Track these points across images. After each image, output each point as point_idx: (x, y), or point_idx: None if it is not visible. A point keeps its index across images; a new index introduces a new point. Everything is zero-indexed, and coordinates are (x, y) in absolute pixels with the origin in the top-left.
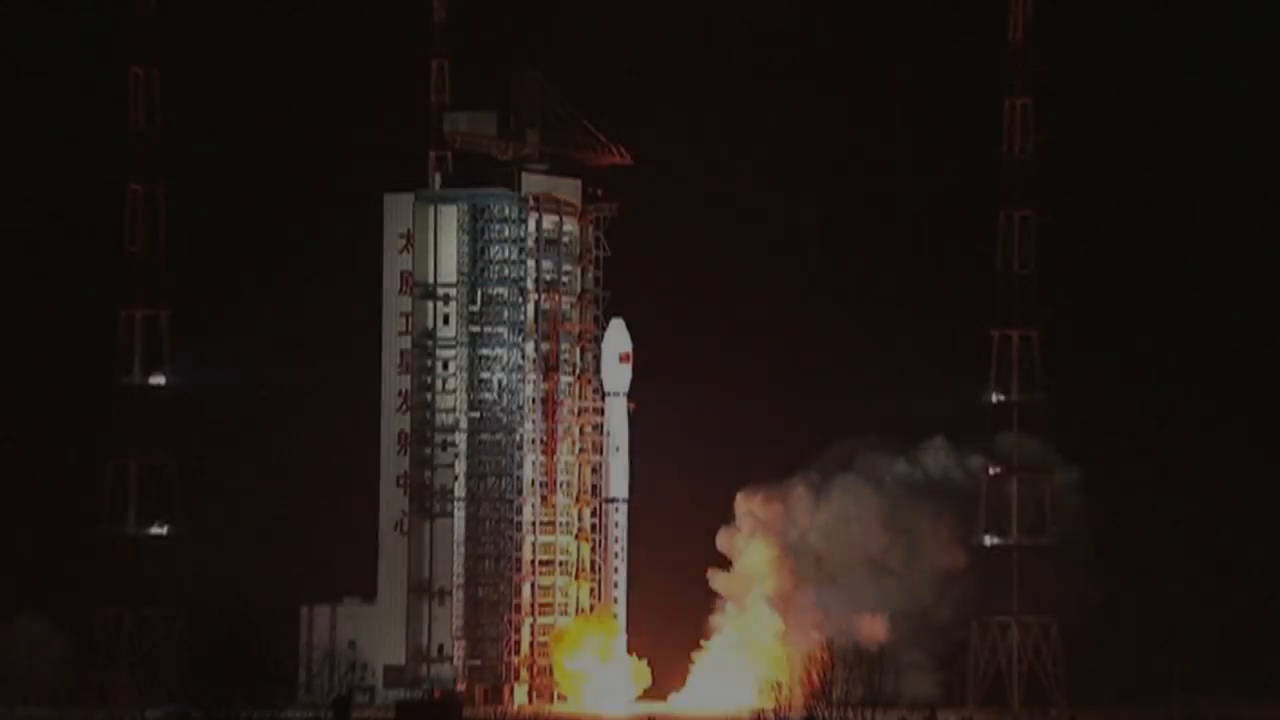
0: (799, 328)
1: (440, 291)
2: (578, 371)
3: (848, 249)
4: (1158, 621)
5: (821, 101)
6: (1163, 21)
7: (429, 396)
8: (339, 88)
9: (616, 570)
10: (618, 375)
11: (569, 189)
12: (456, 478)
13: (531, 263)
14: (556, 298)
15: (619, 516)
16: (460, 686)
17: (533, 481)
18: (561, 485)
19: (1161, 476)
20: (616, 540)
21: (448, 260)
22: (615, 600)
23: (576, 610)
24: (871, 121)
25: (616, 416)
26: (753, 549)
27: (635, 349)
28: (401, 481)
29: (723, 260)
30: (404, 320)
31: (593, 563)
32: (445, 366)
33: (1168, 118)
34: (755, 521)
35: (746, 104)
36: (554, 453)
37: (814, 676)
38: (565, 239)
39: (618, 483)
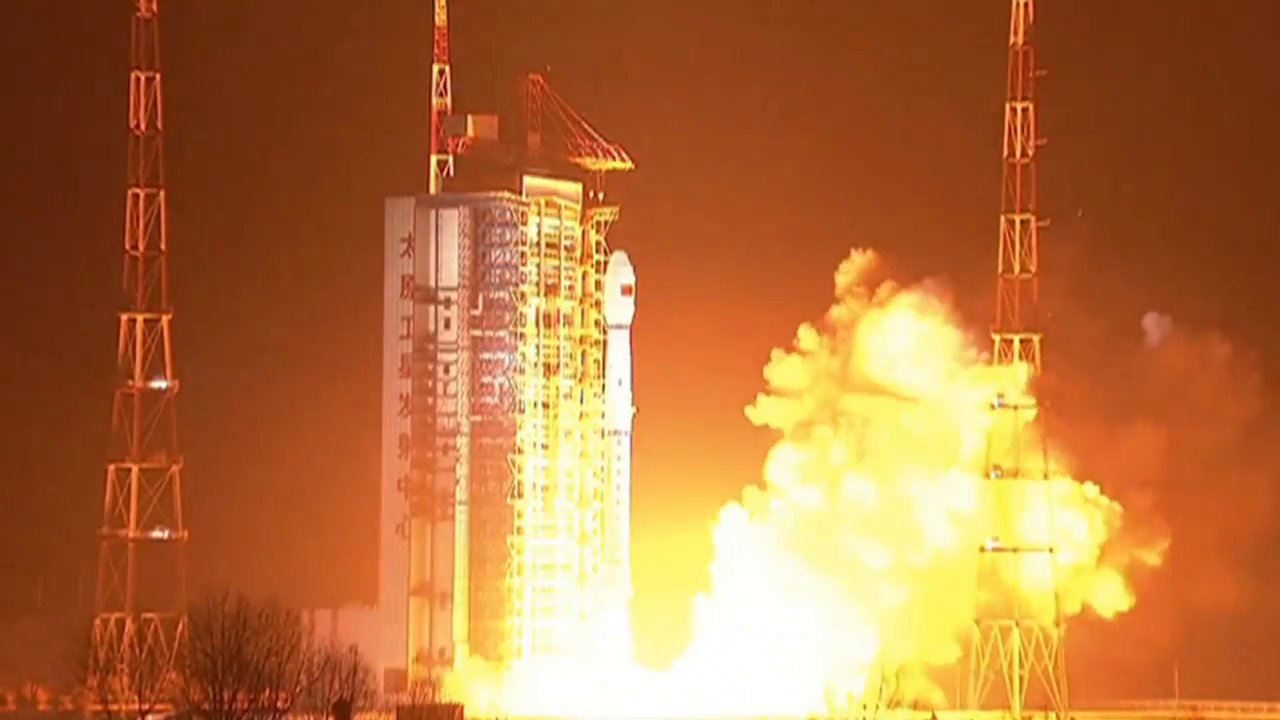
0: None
1: (441, 295)
2: (579, 374)
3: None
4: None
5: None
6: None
7: (430, 400)
8: (341, 92)
9: (619, 502)
10: (620, 308)
11: (570, 192)
12: (458, 481)
13: (532, 266)
14: (557, 300)
15: (621, 450)
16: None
17: (534, 485)
18: (563, 488)
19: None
20: (619, 473)
21: (449, 264)
22: (619, 529)
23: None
24: (872, 123)
25: (618, 349)
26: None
27: (634, 356)
28: (403, 485)
29: (721, 264)
30: (405, 324)
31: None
32: (446, 370)
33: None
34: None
35: (747, 109)
36: (555, 456)
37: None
38: (566, 242)
39: (620, 415)
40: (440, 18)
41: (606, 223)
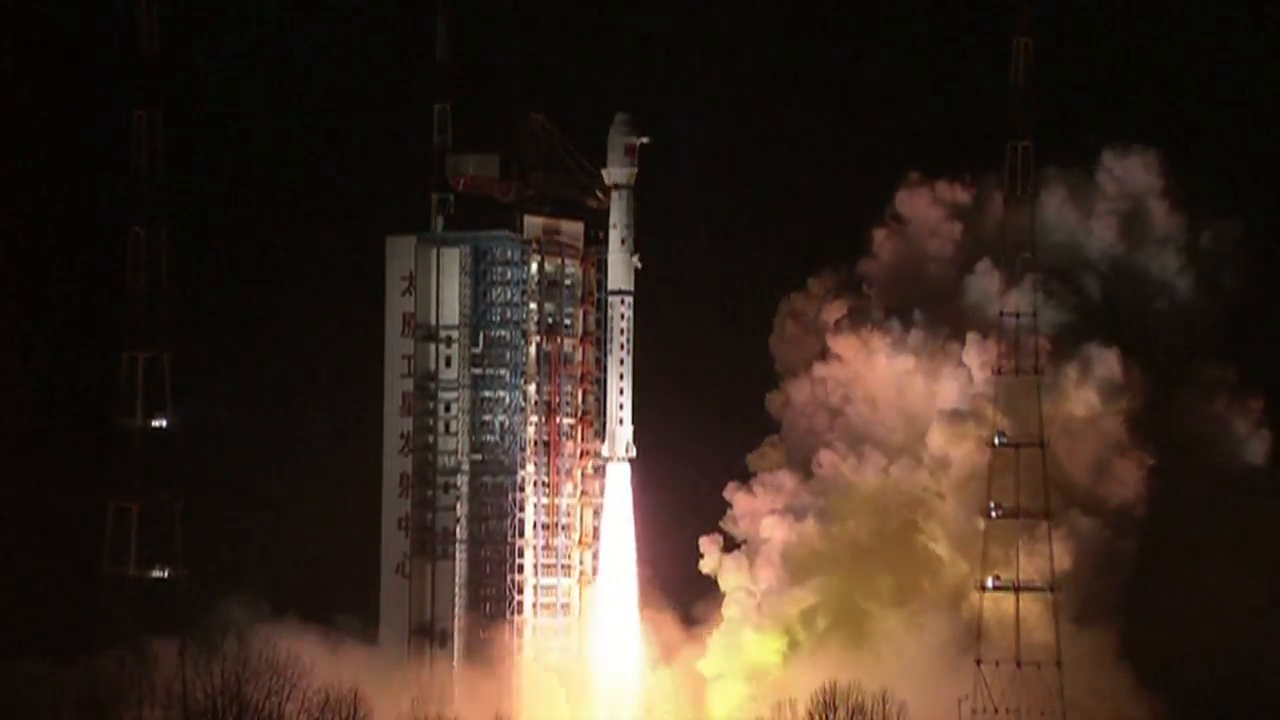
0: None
1: (442, 334)
2: (579, 414)
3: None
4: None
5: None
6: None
7: (430, 439)
8: (341, 130)
9: (622, 362)
10: (623, 170)
11: (571, 231)
12: (458, 520)
13: (533, 305)
14: (558, 340)
15: (624, 309)
16: None
17: (534, 524)
18: (563, 528)
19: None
20: (623, 333)
21: (450, 302)
22: (621, 406)
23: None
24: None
25: (620, 209)
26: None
27: (636, 407)
28: (403, 524)
29: (726, 303)
30: (406, 363)
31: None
32: (447, 409)
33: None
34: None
35: (746, 150)
36: (556, 495)
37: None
38: (567, 281)
39: (622, 277)
40: (441, 55)
41: (608, 261)
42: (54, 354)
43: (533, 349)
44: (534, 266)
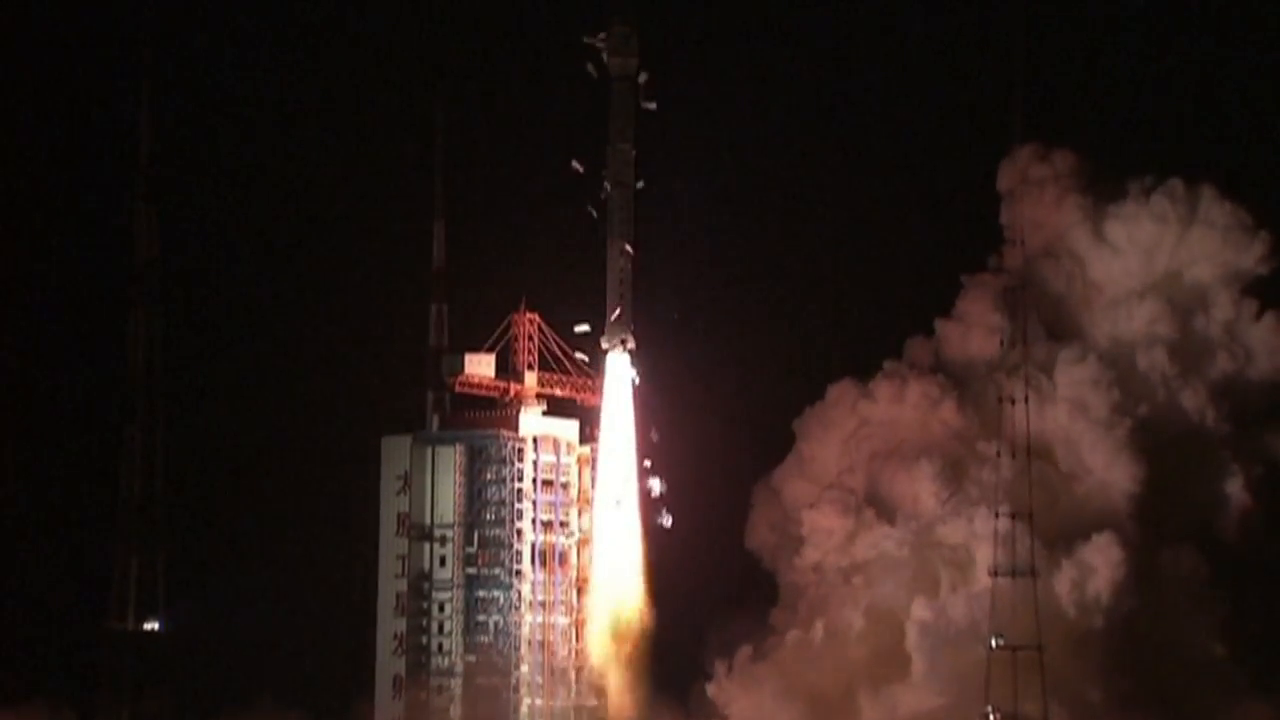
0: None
1: (437, 533)
2: (575, 613)
3: None
4: None
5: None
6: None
7: (424, 639)
8: (337, 331)
9: (623, 237)
10: (618, 60)
11: (566, 429)
12: None
13: (529, 503)
14: (553, 538)
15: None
16: None
17: None
18: None
19: None
20: (622, 209)
21: (445, 501)
22: (621, 296)
23: None
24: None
25: (624, 102)
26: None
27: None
28: None
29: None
30: (400, 563)
31: None
32: (441, 609)
33: None
34: None
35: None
36: (551, 697)
37: None
38: (562, 479)
39: (620, 170)
40: (438, 258)
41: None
42: (45, 555)
43: (527, 548)
44: (529, 465)
